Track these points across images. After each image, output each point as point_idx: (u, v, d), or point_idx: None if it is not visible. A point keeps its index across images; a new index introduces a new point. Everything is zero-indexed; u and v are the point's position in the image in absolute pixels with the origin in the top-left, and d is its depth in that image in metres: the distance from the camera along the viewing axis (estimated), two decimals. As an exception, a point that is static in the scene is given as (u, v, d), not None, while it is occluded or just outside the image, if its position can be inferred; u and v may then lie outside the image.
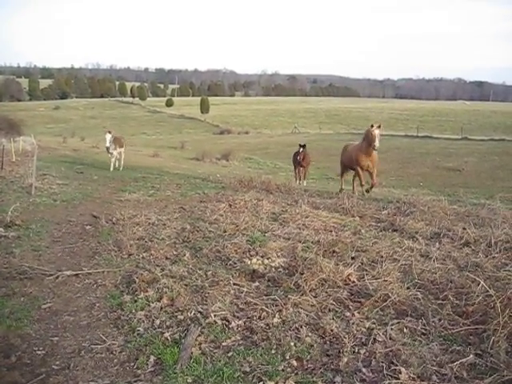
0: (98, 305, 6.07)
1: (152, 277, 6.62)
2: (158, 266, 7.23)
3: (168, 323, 5.37)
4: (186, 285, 6.38)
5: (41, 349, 4.94)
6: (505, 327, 4.74)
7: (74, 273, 7.10)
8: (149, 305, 5.83)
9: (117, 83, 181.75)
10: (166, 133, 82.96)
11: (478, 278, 5.83)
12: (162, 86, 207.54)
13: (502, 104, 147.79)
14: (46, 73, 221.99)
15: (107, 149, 21.54)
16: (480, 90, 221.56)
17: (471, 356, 4.42)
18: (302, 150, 21.08)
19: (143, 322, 5.44)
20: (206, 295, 6.01)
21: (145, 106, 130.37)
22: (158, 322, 5.40)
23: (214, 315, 5.39)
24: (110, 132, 21.94)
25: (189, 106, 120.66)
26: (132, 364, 4.65)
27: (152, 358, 4.67)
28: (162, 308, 5.73)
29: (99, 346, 4.98)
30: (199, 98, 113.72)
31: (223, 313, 5.46)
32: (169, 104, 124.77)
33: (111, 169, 21.22)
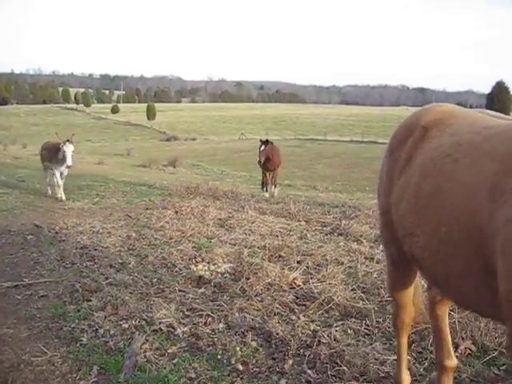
0: (39, 316, 5.87)
1: (96, 285, 6.49)
2: (102, 274, 7.10)
3: (112, 332, 5.26)
4: (130, 293, 6.28)
5: (-23, 364, 4.76)
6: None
7: (14, 284, 6.86)
8: (92, 314, 5.70)
9: (60, 89, 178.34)
10: (111, 140, 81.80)
11: (420, 278, 5.99)
12: (107, 92, 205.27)
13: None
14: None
15: (69, 167, 14.29)
16: (423, 96, 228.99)
17: (411, 353, 4.53)
18: (263, 147, 16.29)
19: (86, 331, 5.31)
20: (151, 303, 5.94)
21: (89, 113, 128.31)
22: (101, 331, 5.29)
23: (159, 322, 5.33)
24: (69, 141, 14.13)
25: (135, 112, 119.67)
26: (74, 375, 4.51)
27: (95, 368, 4.56)
28: (106, 317, 5.61)
29: (40, 359, 4.82)
30: (145, 105, 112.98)
31: (168, 320, 5.41)
32: (114, 111, 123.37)
33: (63, 197, 14.13)
